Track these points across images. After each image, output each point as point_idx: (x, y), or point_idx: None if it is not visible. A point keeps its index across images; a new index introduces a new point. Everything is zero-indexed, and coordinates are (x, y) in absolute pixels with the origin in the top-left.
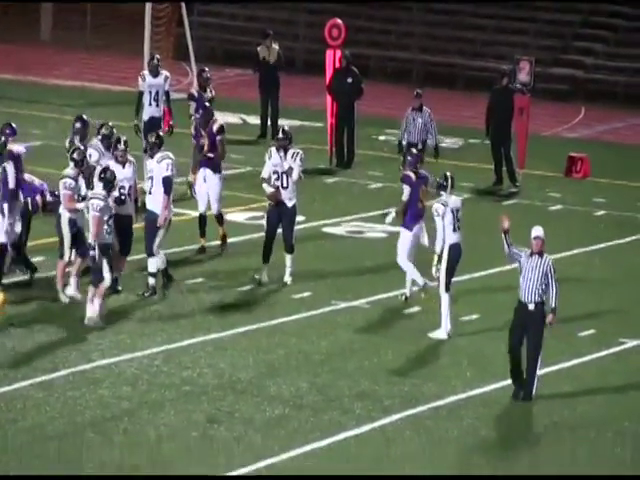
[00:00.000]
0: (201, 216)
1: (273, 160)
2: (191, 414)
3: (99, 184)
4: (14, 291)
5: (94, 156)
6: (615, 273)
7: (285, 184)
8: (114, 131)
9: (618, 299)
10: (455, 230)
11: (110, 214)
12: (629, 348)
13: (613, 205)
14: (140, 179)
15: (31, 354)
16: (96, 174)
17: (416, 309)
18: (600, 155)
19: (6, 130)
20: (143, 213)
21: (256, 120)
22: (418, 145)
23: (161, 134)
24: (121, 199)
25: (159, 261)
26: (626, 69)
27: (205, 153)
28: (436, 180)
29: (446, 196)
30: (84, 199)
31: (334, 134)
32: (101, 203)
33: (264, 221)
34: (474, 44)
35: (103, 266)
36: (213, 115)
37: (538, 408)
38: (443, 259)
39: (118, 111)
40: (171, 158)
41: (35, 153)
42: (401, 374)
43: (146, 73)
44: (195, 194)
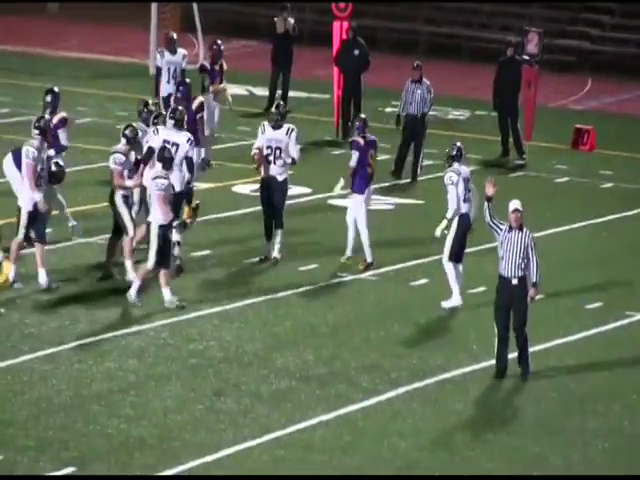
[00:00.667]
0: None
1: (266, 134)
2: (198, 387)
3: (158, 163)
4: (23, 264)
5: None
6: (622, 246)
7: (279, 159)
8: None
9: (625, 272)
10: (465, 200)
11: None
12: (636, 321)
13: (620, 177)
14: None
15: (37, 327)
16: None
17: (423, 281)
18: (607, 127)
19: None
20: None
21: (263, 92)
22: (418, 116)
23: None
24: None
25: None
26: (633, 41)
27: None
28: (446, 151)
29: (458, 165)
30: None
31: (341, 106)
32: (165, 182)
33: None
34: (480, 15)
35: (152, 247)
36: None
37: (545, 381)
38: (452, 227)
39: (126, 83)
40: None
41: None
42: (408, 347)
43: (163, 49)
44: None
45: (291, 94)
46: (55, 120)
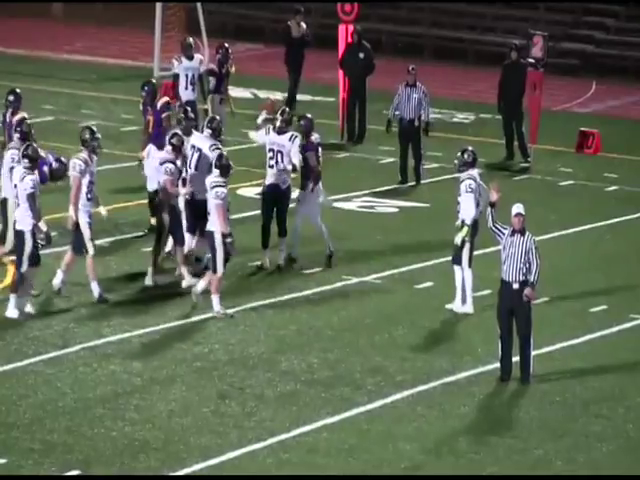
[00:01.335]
0: (150, 194)
1: (270, 137)
2: (202, 390)
3: (216, 171)
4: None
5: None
6: (626, 249)
7: (279, 163)
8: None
9: (629, 275)
10: (477, 206)
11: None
12: None
13: (624, 180)
14: None
15: (42, 330)
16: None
17: (428, 284)
18: (611, 130)
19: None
20: None
21: (268, 95)
22: (415, 121)
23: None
24: None
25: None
26: (637, 44)
27: (146, 130)
28: (459, 158)
29: (472, 171)
30: (184, 184)
31: (345, 109)
32: (225, 190)
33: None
34: (485, 19)
35: (218, 255)
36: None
37: (550, 384)
38: (465, 231)
39: (130, 86)
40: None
41: (47, 128)
42: (412, 350)
43: (181, 56)
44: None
45: (297, 97)
46: (15, 120)
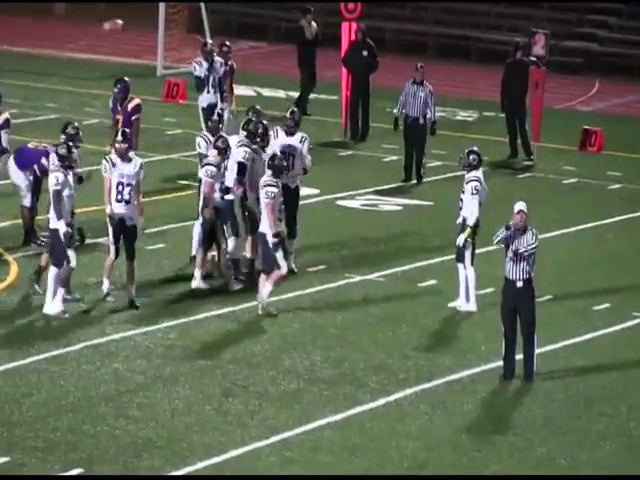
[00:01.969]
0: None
1: (280, 140)
2: (205, 388)
3: (269, 171)
4: (30, 264)
5: (202, 145)
6: (629, 247)
7: (292, 168)
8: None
9: (632, 273)
10: (480, 206)
11: (281, 201)
12: None
13: (627, 179)
14: None
15: (45, 328)
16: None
17: (431, 282)
18: (615, 129)
19: None
20: None
21: (271, 93)
22: (420, 119)
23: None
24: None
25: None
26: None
27: (115, 130)
28: (464, 157)
29: (477, 172)
30: (227, 190)
31: (349, 107)
32: (275, 190)
33: None
34: (488, 17)
35: (278, 255)
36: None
37: (553, 382)
38: (468, 232)
39: (133, 84)
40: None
41: (49, 126)
42: (416, 348)
43: (201, 59)
44: None
45: (298, 95)
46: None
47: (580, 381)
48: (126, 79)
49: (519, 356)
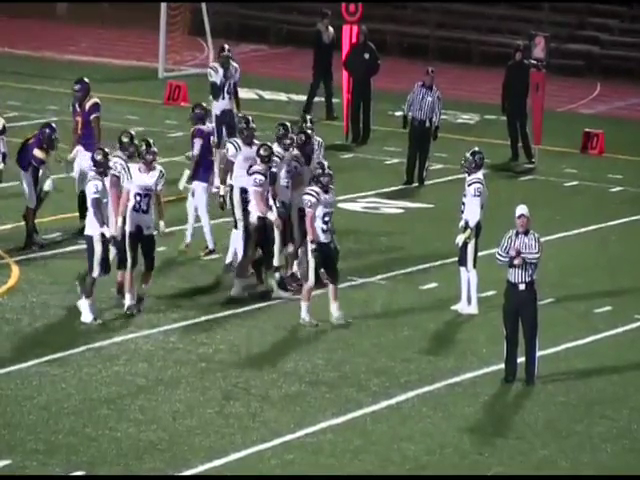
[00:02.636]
0: (79, 196)
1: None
2: (207, 391)
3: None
4: (32, 268)
5: (230, 151)
6: (631, 249)
7: None
8: (253, 125)
9: (634, 276)
10: (481, 209)
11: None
12: None
13: (629, 181)
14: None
15: (47, 331)
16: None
17: (433, 285)
18: (616, 131)
19: None
20: None
21: (272, 96)
22: (426, 123)
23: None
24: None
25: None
26: None
27: (75, 131)
28: (468, 158)
29: (479, 173)
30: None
31: (350, 110)
32: (313, 199)
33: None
34: (489, 19)
35: (310, 267)
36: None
37: (554, 385)
38: (473, 236)
39: (134, 86)
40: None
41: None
42: (417, 350)
43: (217, 65)
44: (73, 172)
45: (301, 98)
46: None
47: (581, 384)
48: (86, 79)
49: (521, 359)
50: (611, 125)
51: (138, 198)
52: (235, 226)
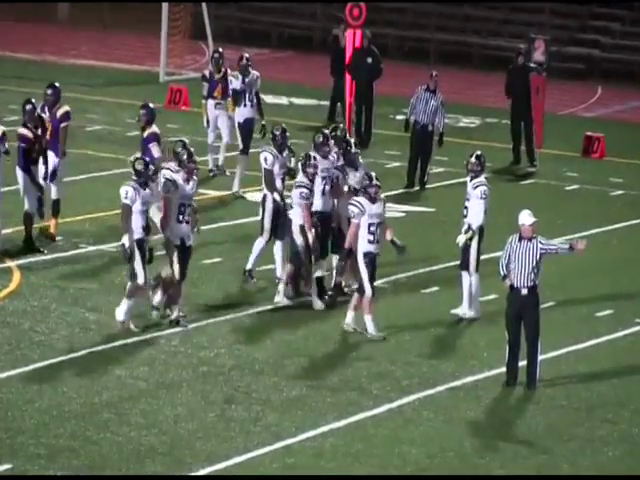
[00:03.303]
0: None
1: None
2: (208, 394)
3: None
4: (33, 271)
5: (268, 160)
6: (632, 253)
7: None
8: (286, 133)
9: (635, 279)
10: (485, 213)
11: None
12: None
13: (630, 185)
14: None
15: (48, 335)
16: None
17: (434, 289)
18: (617, 135)
19: None
20: None
21: (273, 100)
22: (428, 127)
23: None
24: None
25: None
26: None
27: (46, 136)
28: (473, 161)
29: (482, 177)
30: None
31: (352, 113)
32: (355, 210)
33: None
34: (490, 23)
35: (364, 278)
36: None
37: (555, 389)
38: (475, 240)
39: (136, 90)
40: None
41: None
42: (419, 354)
43: (237, 73)
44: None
45: (302, 101)
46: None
47: (582, 387)
48: (57, 84)
49: (522, 363)
50: (612, 128)
51: (182, 209)
52: (261, 234)
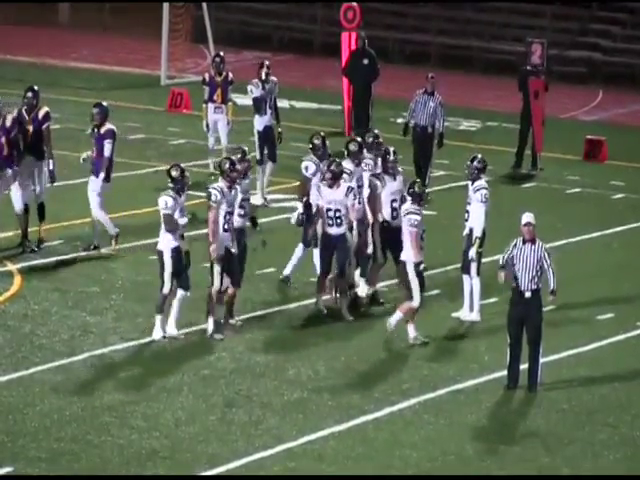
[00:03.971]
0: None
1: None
2: (209, 398)
3: (409, 197)
4: (34, 275)
5: (310, 169)
6: (633, 256)
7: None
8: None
9: (636, 283)
10: (486, 216)
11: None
12: None
13: (631, 188)
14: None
15: (49, 338)
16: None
17: (434, 292)
18: (618, 138)
19: None
20: None
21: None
22: (428, 129)
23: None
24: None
25: None
26: None
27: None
28: (472, 164)
29: (482, 180)
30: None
31: (351, 116)
32: (419, 218)
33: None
34: (492, 26)
35: (414, 285)
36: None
37: (557, 392)
38: (477, 243)
39: (135, 94)
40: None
41: (53, 135)
42: (420, 357)
43: (257, 81)
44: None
45: (302, 105)
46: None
47: (583, 391)
48: (35, 88)
49: (523, 366)
50: (613, 132)
51: (228, 217)
52: (302, 241)
